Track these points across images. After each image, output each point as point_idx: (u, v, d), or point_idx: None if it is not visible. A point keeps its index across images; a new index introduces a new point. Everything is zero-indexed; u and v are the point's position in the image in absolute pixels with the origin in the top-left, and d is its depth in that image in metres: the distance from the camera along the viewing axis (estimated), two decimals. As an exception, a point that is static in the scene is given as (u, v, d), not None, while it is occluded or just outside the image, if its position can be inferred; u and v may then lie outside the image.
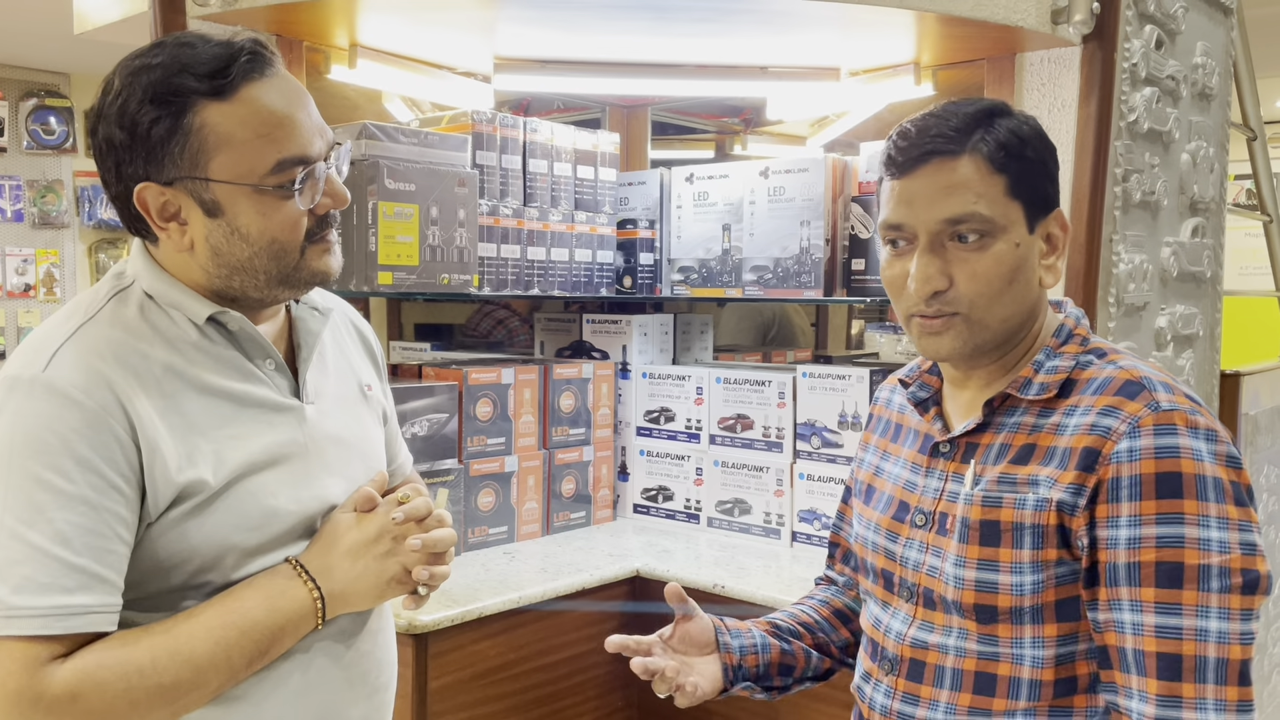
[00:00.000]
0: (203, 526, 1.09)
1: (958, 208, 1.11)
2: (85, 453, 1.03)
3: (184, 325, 1.14)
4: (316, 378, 1.25)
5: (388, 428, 1.41)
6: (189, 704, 1.08)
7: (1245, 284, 5.28)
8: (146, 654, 1.04)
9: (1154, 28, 2.07)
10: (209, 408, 1.12)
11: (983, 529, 1.13)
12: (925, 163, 1.12)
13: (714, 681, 1.33)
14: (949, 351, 1.15)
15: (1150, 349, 2.20)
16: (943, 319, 1.13)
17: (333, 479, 1.21)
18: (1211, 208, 2.41)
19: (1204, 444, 1.04)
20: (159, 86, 1.07)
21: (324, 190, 1.15)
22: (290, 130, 1.11)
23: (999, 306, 1.13)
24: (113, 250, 5.48)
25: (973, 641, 1.15)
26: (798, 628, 1.41)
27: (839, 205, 2.22)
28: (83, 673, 1.01)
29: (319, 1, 1.81)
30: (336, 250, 1.20)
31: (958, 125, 1.12)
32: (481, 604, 1.83)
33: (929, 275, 1.12)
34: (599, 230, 2.42)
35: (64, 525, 1.01)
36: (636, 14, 1.95)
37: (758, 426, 2.29)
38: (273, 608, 1.11)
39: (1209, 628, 1.01)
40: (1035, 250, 1.16)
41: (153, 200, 1.10)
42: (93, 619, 1.02)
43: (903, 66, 2.23)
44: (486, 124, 2.19)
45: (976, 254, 1.11)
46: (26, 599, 0.99)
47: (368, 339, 1.41)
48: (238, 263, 1.13)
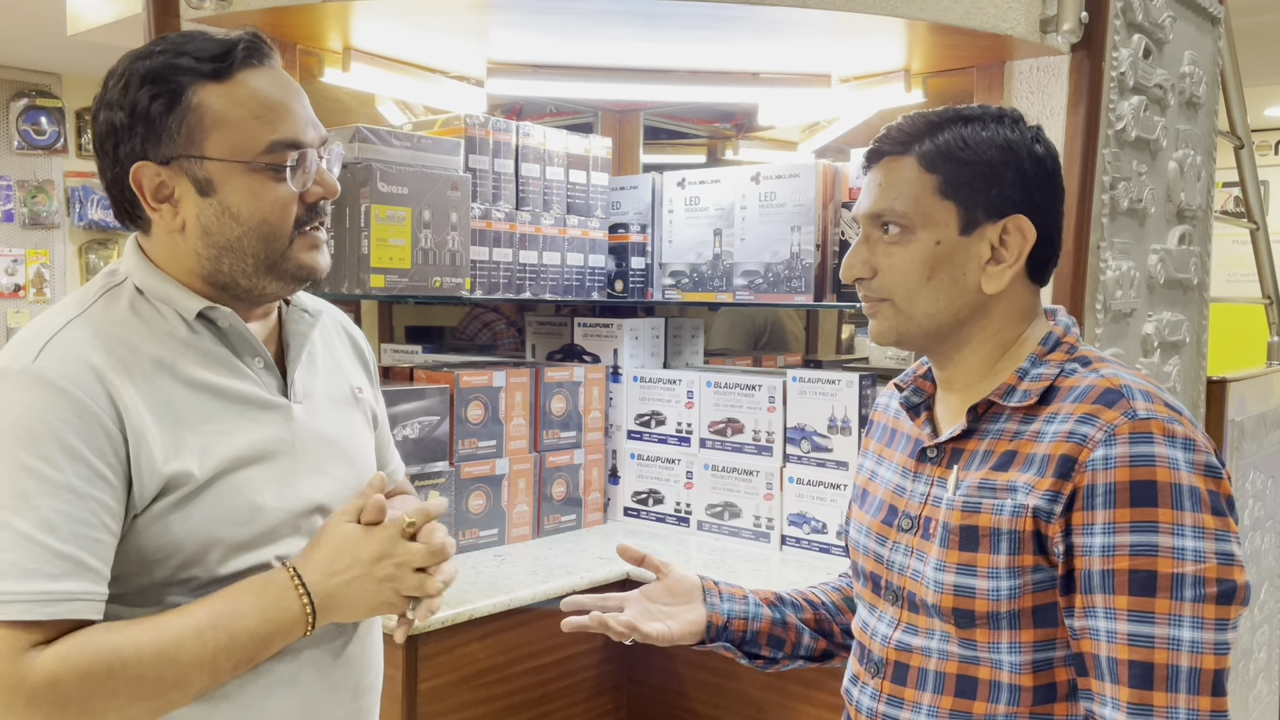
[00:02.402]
0: (188, 519, 1.09)
1: (881, 203, 1.19)
2: (73, 442, 1.03)
3: (174, 321, 1.15)
4: (305, 378, 1.25)
5: (379, 433, 1.41)
6: (170, 702, 1.07)
7: (1233, 290, 5.31)
8: (131, 647, 1.04)
9: (1142, 37, 2.09)
10: (196, 402, 1.13)
11: (962, 534, 1.14)
12: (876, 160, 1.22)
13: (689, 627, 1.37)
14: (878, 334, 1.23)
15: (1137, 355, 2.22)
16: (871, 304, 1.22)
17: (319, 479, 1.22)
18: (1198, 215, 2.43)
19: (1181, 453, 1.05)
20: (160, 69, 1.11)
21: (315, 179, 1.17)
22: (284, 114, 1.15)
23: (919, 299, 1.18)
24: (103, 251, 5.48)
25: (954, 645, 1.16)
26: (801, 602, 1.44)
27: (829, 211, 2.24)
28: (63, 659, 1.01)
29: (313, 5, 1.81)
30: (325, 249, 1.21)
31: (913, 129, 1.20)
32: (472, 606, 1.83)
33: (851, 263, 1.22)
34: (591, 234, 2.43)
35: (50, 513, 1.02)
36: (628, 20, 1.96)
37: (748, 430, 2.30)
38: (265, 617, 1.11)
39: (1182, 637, 1.01)
40: (968, 252, 1.16)
41: (148, 180, 1.12)
42: (77, 606, 1.02)
43: (893, 73, 2.24)
44: (479, 128, 2.20)
45: (894, 246, 1.19)
46: (11, 584, 1.00)
47: (359, 344, 1.42)
48: (227, 243, 1.14)
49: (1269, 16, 4.14)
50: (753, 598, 1.41)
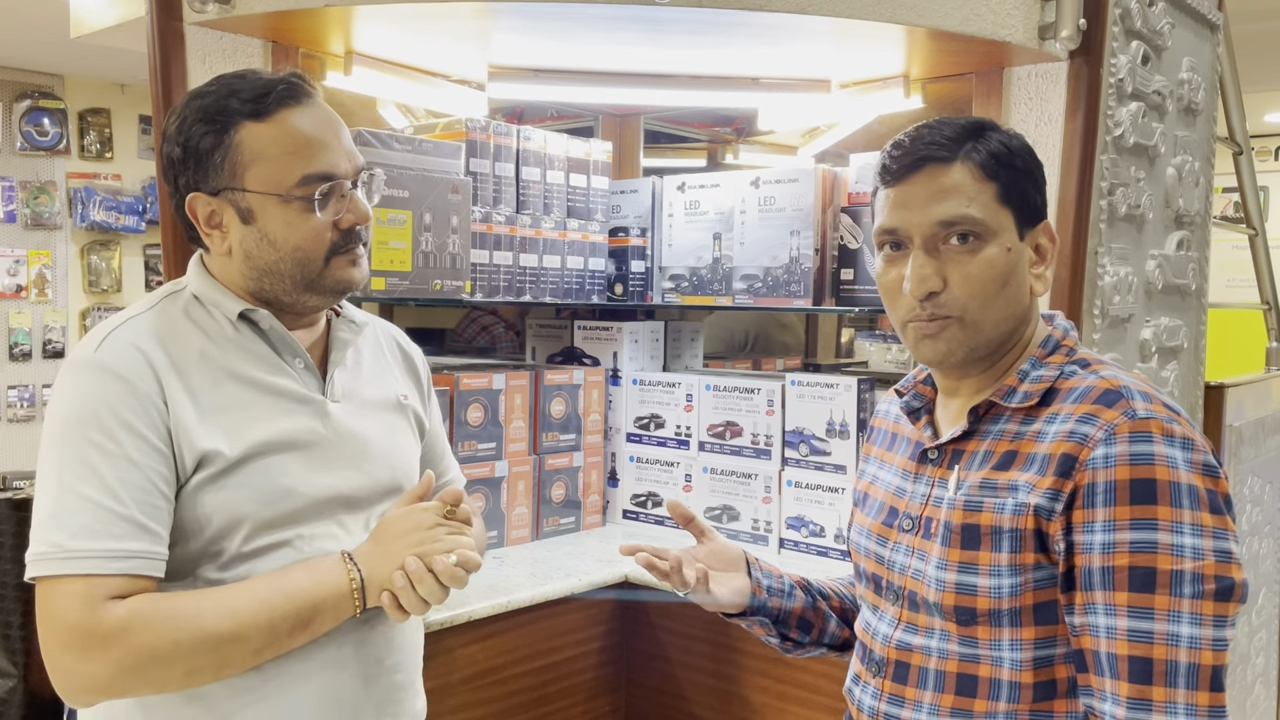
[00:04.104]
0: (218, 494, 1.21)
1: (951, 210, 1.14)
2: (130, 419, 1.17)
3: (222, 321, 1.28)
4: (347, 381, 1.36)
5: (428, 442, 1.51)
6: (230, 656, 1.17)
7: (1234, 296, 5.32)
8: (194, 603, 1.16)
9: (1140, 43, 2.10)
10: (235, 391, 1.25)
11: (964, 533, 1.15)
12: (920, 169, 1.16)
13: (736, 595, 1.37)
14: (945, 355, 1.18)
15: (1135, 361, 2.22)
16: (938, 322, 1.16)
17: (351, 472, 1.31)
18: (1196, 221, 2.44)
19: (1179, 452, 1.06)
20: (209, 109, 1.25)
21: (348, 207, 1.28)
22: (317, 150, 1.26)
23: (992, 309, 1.16)
24: (105, 252, 5.48)
25: (954, 643, 1.17)
26: (827, 590, 1.46)
27: (829, 215, 2.24)
28: (134, 611, 1.13)
29: (316, 9, 1.82)
30: (363, 263, 1.32)
31: (951, 135, 1.17)
32: (471, 608, 1.84)
33: (924, 275, 1.15)
34: (591, 238, 2.44)
35: (113, 481, 1.15)
36: (630, 25, 1.96)
37: (746, 434, 2.31)
38: (316, 580, 1.21)
39: (1180, 633, 1.02)
40: (1025, 258, 1.19)
41: (201, 209, 1.27)
42: (140, 563, 1.15)
43: (893, 79, 2.25)
44: (480, 131, 2.21)
45: (969, 256, 1.14)
46: (83, 543, 1.13)
47: (412, 358, 1.53)
48: (266, 266, 1.27)
49: (1269, 23, 4.15)
50: (788, 578, 1.43)
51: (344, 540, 1.30)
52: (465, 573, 1.24)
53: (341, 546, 1.28)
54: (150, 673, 1.14)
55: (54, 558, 1.13)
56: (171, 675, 1.15)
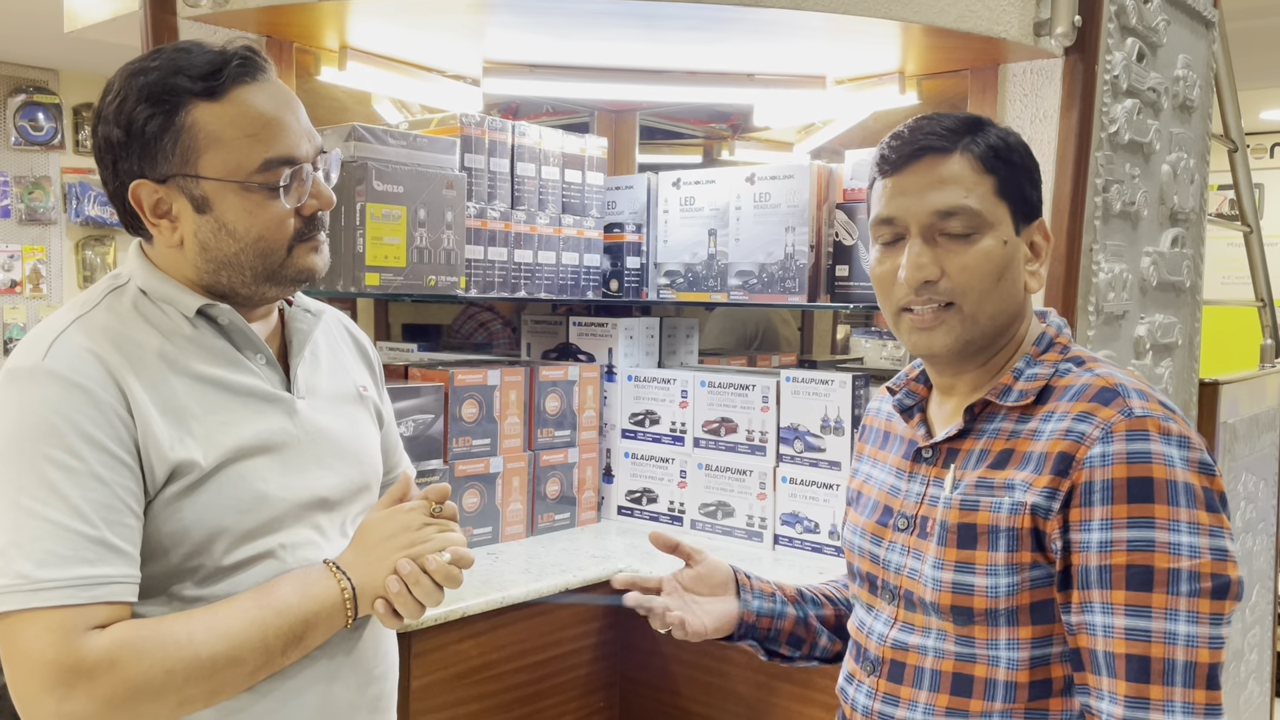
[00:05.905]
0: (195, 506, 1.12)
1: (949, 199, 1.14)
2: (91, 431, 1.06)
3: (176, 318, 1.18)
4: (308, 375, 1.28)
5: (385, 433, 1.43)
6: (225, 682, 1.09)
7: (1229, 293, 5.32)
8: (184, 628, 1.07)
9: (1135, 40, 2.10)
10: (200, 394, 1.15)
11: (960, 532, 1.15)
12: (918, 159, 1.16)
13: (721, 621, 1.37)
14: (940, 346, 1.17)
15: (1129, 358, 2.23)
16: (934, 313, 1.16)
17: (324, 472, 1.24)
18: (1191, 218, 2.44)
19: (1176, 450, 1.06)
20: (154, 87, 1.12)
21: (310, 192, 1.19)
22: (278, 131, 1.15)
23: (988, 302, 1.16)
24: (99, 247, 5.47)
25: (950, 643, 1.17)
26: (821, 598, 1.45)
27: (824, 212, 2.24)
28: (120, 642, 1.04)
29: (310, 4, 1.82)
30: (324, 249, 1.24)
31: (950, 126, 1.17)
32: (465, 604, 1.84)
33: (921, 264, 1.15)
34: (586, 234, 2.44)
35: (79, 501, 1.05)
36: (625, 21, 1.96)
37: (741, 430, 2.31)
38: (306, 594, 1.15)
39: (1178, 631, 1.03)
40: (1021, 254, 1.19)
41: (146, 197, 1.15)
42: (117, 589, 1.06)
43: (888, 75, 2.25)
44: (475, 127, 2.21)
45: (967, 247, 1.15)
46: (52, 571, 1.03)
47: (363, 345, 1.44)
48: (225, 258, 1.17)
49: (1264, 20, 4.15)
50: (780, 595, 1.41)
51: (324, 546, 1.23)
52: (460, 571, 1.20)
53: (322, 553, 1.21)
54: (142, 706, 1.04)
55: (21, 590, 1.02)
56: (164, 707, 1.06)
